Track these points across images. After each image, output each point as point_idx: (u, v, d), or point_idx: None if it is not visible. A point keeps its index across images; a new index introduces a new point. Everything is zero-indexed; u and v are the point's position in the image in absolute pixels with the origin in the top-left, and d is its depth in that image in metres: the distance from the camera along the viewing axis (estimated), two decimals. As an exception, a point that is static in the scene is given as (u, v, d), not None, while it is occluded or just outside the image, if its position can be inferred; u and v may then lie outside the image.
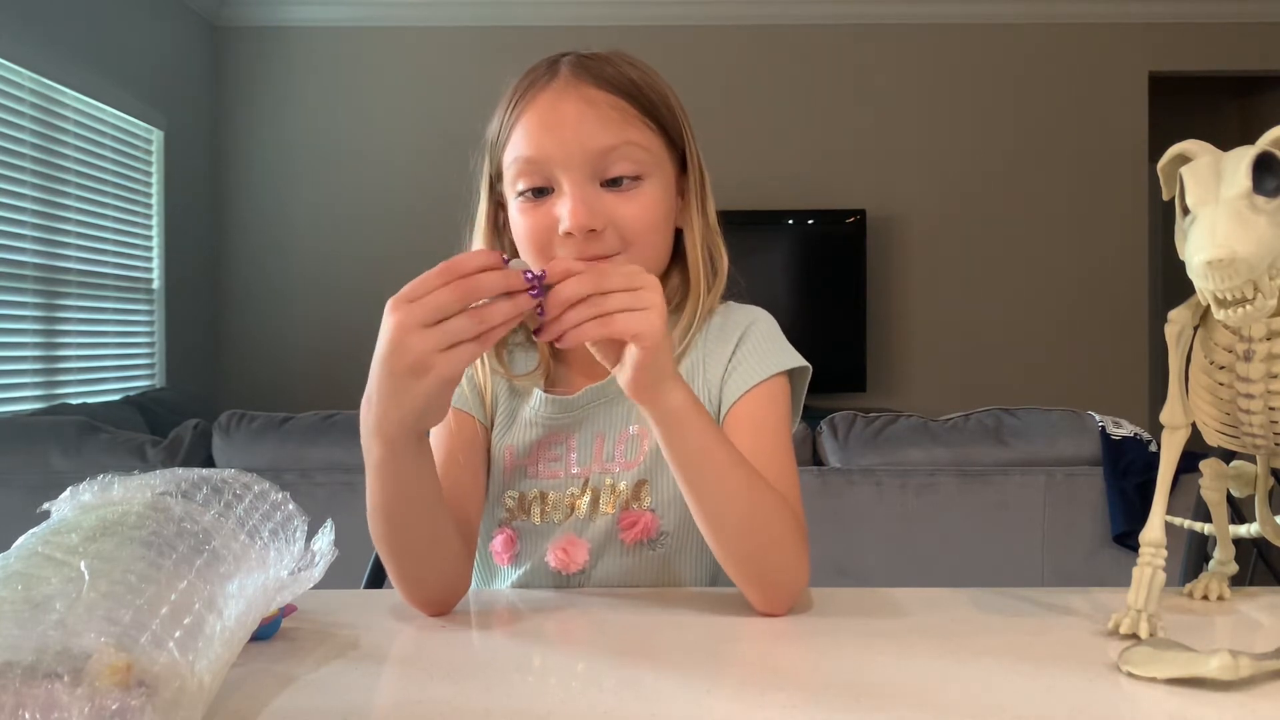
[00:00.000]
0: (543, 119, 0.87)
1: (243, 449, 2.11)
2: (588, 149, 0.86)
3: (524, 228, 0.88)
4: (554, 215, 0.86)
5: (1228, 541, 0.86)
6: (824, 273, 4.50)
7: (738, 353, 0.93)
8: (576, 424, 0.94)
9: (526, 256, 0.89)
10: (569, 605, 0.83)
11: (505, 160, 0.89)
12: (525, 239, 0.89)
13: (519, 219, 0.89)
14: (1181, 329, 0.72)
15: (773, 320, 0.97)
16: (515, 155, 0.88)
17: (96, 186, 3.56)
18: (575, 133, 0.86)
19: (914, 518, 2.06)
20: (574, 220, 0.84)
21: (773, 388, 0.91)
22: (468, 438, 0.93)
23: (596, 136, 0.86)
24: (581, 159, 0.86)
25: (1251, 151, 0.61)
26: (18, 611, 0.48)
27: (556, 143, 0.86)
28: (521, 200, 0.88)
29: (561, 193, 0.86)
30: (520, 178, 0.88)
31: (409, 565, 0.79)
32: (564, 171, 0.86)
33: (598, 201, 0.86)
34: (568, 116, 0.86)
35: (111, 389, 3.61)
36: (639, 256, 0.88)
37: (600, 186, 0.87)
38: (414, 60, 4.54)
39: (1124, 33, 4.53)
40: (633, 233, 0.87)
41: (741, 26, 4.53)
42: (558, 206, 0.86)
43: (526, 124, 0.88)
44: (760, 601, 0.79)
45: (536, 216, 0.87)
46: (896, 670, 0.65)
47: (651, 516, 0.91)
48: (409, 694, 0.62)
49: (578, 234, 0.85)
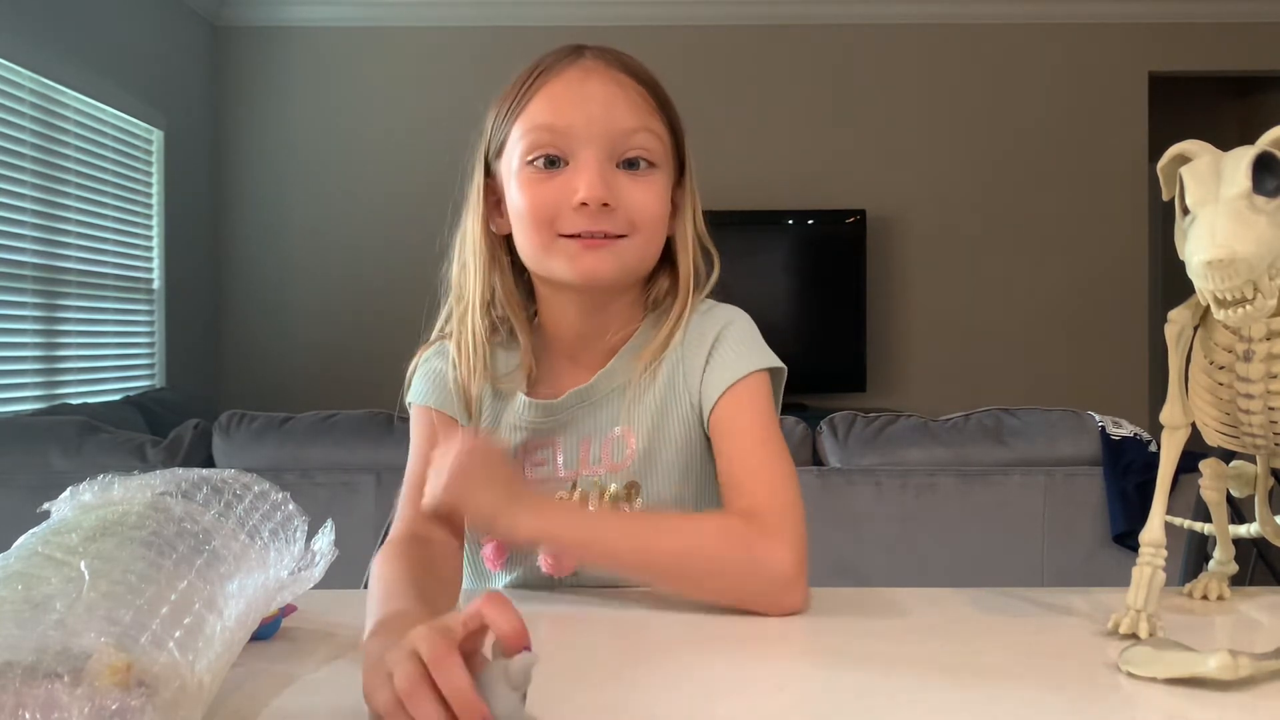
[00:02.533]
0: (570, 90, 0.87)
1: (243, 449, 2.11)
2: (613, 127, 0.86)
3: (529, 199, 0.87)
4: (566, 187, 0.86)
5: (1227, 541, 0.86)
6: (824, 273, 4.50)
7: (715, 352, 0.92)
8: (561, 427, 0.93)
9: (528, 229, 0.88)
10: (564, 604, 0.83)
11: (516, 130, 0.89)
12: (529, 211, 0.87)
13: (524, 190, 0.88)
14: (1181, 329, 0.72)
15: (750, 320, 0.97)
16: (534, 123, 0.87)
17: (96, 186, 3.56)
18: (603, 108, 0.86)
19: (914, 518, 2.06)
20: (591, 191, 0.84)
21: (752, 384, 0.90)
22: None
23: (623, 116, 0.87)
24: (605, 135, 0.86)
25: (1251, 151, 0.61)
26: (18, 611, 0.48)
27: (583, 115, 0.86)
28: (530, 170, 0.87)
29: (578, 166, 0.86)
30: (536, 147, 0.87)
31: None
32: (585, 144, 0.86)
33: (614, 180, 0.86)
34: (596, 92, 0.87)
35: (111, 389, 3.60)
36: (641, 244, 0.89)
37: (615, 168, 0.87)
38: (414, 60, 4.54)
39: (1124, 33, 4.53)
40: (641, 218, 0.88)
41: (741, 26, 4.53)
42: (573, 177, 0.86)
43: (551, 93, 0.87)
44: (757, 610, 0.78)
45: (547, 188, 0.87)
46: (896, 670, 0.65)
47: None
48: (409, 694, 0.62)
49: (593, 205, 0.85)
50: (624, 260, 0.89)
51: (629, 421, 0.92)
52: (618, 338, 0.94)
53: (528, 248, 0.90)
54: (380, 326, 4.19)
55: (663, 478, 0.93)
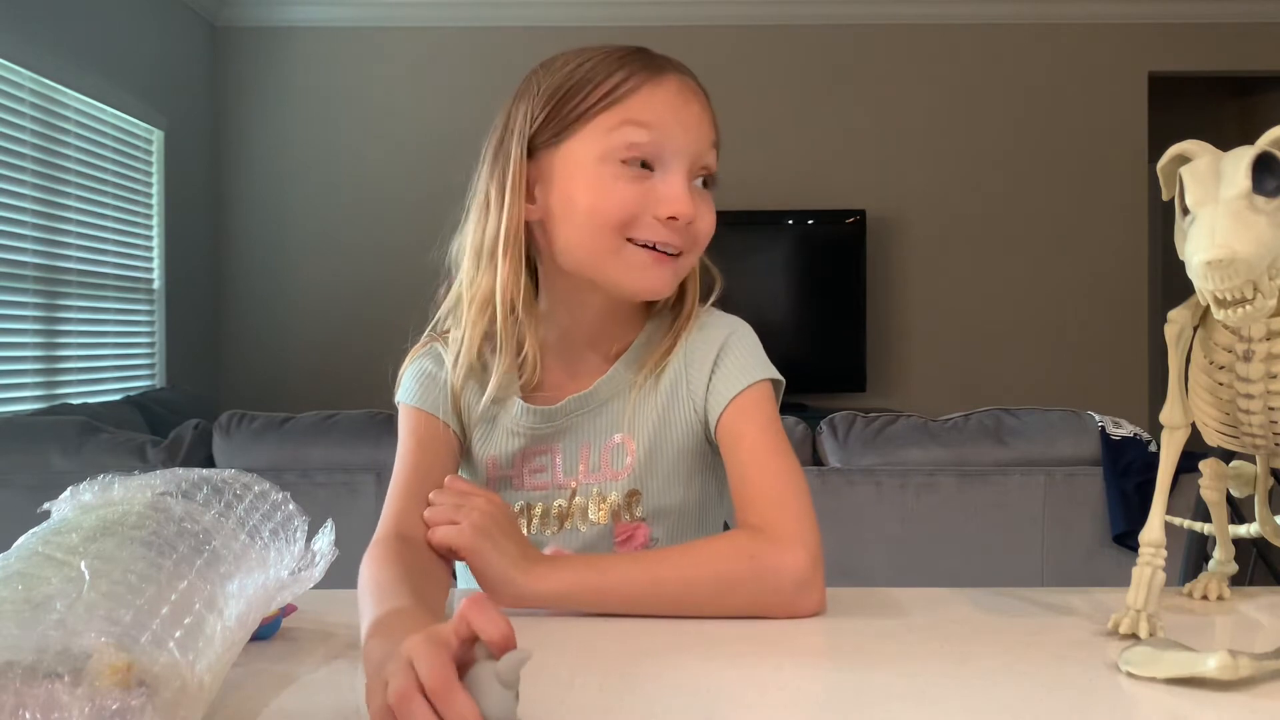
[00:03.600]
0: (677, 99, 0.87)
1: (243, 449, 2.11)
2: (703, 144, 0.88)
3: (612, 198, 0.85)
4: (656, 195, 0.85)
5: (1227, 541, 0.86)
6: (824, 273, 4.50)
7: (722, 360, 0.91)
8: (560, 433, 0.92)
9: (594, 228, 0.85)
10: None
11: (605, 120, 0.85)
12: (608, 210, 0.85)
13: (605, 187, 0.85)
14: (1181, 329, 0.72)
15: (752, 332, 0.96)
16: (637, 120, 0.85)
17: (97, 186, 3.56)
18: (698, 124, 0.88)
19: (914, 518, 2.06)
20: (684, 208, 0.85)
21: (757, 393, 0.90)
22: (440, 446, 0.91)
23: (709, 134, 0.89)
24: (696, 152, 0.87)
25: (1251, 151, 0.61)
26: (18, 611, 0.48)
27: (682, 127, 0.86)
28: (620, 168, 0.85)
29: (667, 176, 0.86)
30: (635, 146, 0.85)
31: None
32: (680, 157, 0.86)
33: (693, 196, 0.87)
34: (694, 110, 0.88)
35: (112, 389, 3.61)
36: (692, 261, 0.91)
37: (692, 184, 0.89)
38: (414, 60, 4.54)
39: (1124, 33, 4.53)
40: (703, 237, 0.89)
41: (742, 26, 4.53)
42: (662, 187, 0.85)
43: (655, 96, 0.86)
44: (778, 616, 0.77)
45: (635, 190, 0.85)
46: (896, 670, 0.65)
47: (644, 528, 0.91)
48: (409, 694, 0.62)
49: (682, 221, 0.86)
50: (680, 276, 0.91)
51: (629, 429, 0.92)
52: (618, 345, 0.94)
53: (583, 245, 0.87)
54: (380, 326, 4.17)
55: (663, 485, 0.92)
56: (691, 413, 0.92)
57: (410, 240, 4.27)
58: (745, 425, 0.88)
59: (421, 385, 0.93)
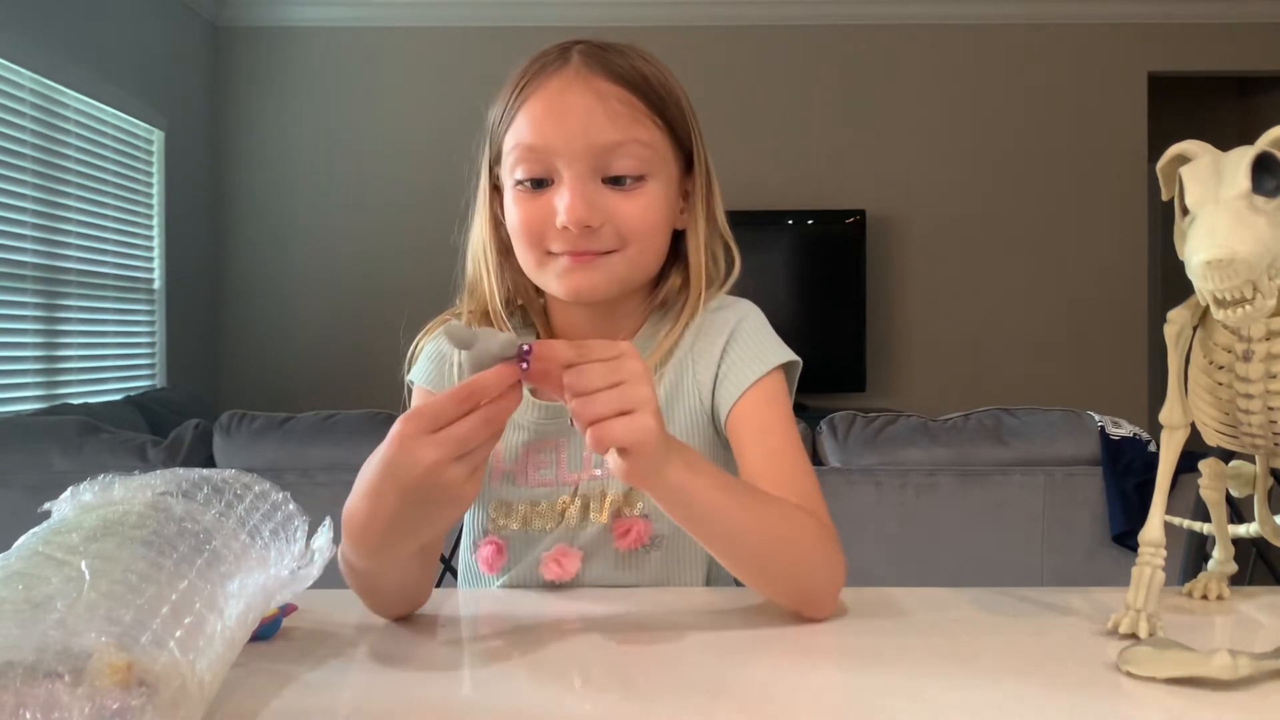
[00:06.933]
0: (549, 107, 0.85)
1: (243, 449, 2.11)
2: (592, 144, 0.84)
3: (519, 217, 0.87)
4: (551, 206, 0.85)
5: (1227, 541, 0.86)
6: (824, 273, 4.50)
7: (729, 352, 0.90)
8: (565, 429, 0.92)
9: (521, 246, 0.88)
10: (565, 606, 0.83)
11: (505, 145, 0.88)
12: (520, 229, 0.87)
13: (514, 207, 0.88)
14: (1181, 329, 0.72)
15: (760, 313, 0.95)
16: (517, 141, 0.86)
17: (97, 186, 3.56)
18: (581, 125, 0.84)
19: (914, 518, 2.06)
20: (571, 215, 0.83)
21: (770, 384, 0.89)
22: None
23: (602, 132, 0.84)
24: (585, 153, 0.84)
25: (1251, 152, 0.61)
26: (18, 611, 0.48)
27: (561, 134, 0.84)
28: (519, 189, 0.87)
29: (561, 185, 0.84)
30: (519, 165, 0.86)
31: (374, 603, 0.78)
32: (566, 164, 0.84)
33: (598, 197, 0.84)
34: (575, 108, 0.84)
35: (112, 389, 3.61)
36: (635, 256, 0.88)
37: (601, 183, 0.85)
38: (414, 60, 4.54)
39: (1124, 33, 4.53)
40: (631, 232, 0.86)
41: (742, 27, 4.53)
42: (556, 198, 0.84)
43: (531, 110, 0.85)
44: (802, 611, 0.77)
45: (534, 207, 0.86)
46: (896, 670, 0.65)
47: (645, 523, 0.90)
48: (408, 694, 0.62)
49: (574, 229, 0.83)
50: (615, 275, 0.87)
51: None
52: (623, 338, 0.93)
53: (523, 262, 0.90)
54: (380, 326, 4.18)
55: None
56: (697, 404, 0.91)
57: (410, 240, 4.28)
58: (764, 416, 0.87)
59: (436, 366, 0.94)
